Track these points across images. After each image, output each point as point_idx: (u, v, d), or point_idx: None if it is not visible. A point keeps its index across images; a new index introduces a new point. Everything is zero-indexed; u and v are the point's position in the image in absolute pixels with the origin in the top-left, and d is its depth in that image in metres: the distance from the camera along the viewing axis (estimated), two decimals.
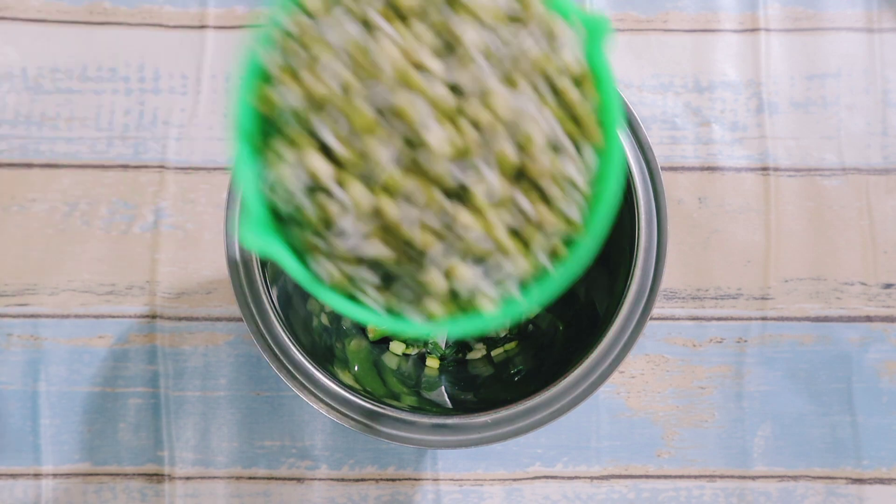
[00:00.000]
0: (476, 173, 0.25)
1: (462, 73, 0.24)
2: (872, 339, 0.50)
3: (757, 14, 0.53)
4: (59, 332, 0.50)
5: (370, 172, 0.25)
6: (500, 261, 0.25)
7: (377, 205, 0.25)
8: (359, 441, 0.49)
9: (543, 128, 0.25)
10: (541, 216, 0.25)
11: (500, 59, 0.25)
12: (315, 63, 0.25)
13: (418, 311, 0.26)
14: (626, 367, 0.50)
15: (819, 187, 0.52)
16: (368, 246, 0.25)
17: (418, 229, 0.24)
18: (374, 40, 0.24)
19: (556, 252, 0.26)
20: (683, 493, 0.49)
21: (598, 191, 0.27)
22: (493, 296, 0.26)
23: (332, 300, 0.26)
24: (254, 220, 0.26)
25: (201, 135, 0.52)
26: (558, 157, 0.26)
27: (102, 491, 0.49)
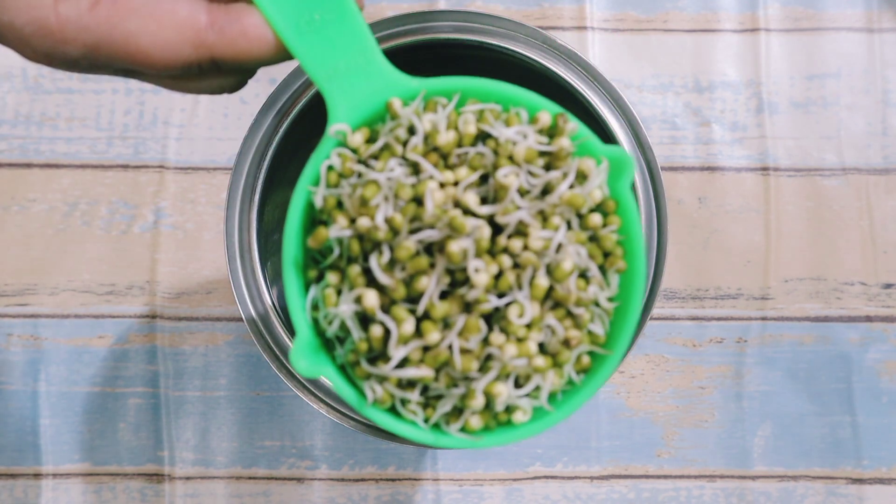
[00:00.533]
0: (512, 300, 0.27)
1: (499, 208, 0.27)
2: (872, 339, 0.50)
3: (757, 14, 0.53)
4: (59, 332, 0.50)
5: (412, 300, 0.27)
6: (532, 377, 0.28)
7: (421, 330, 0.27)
8: (359, 441, 0.49)
9: (573, 258, 0.27)
10: (569, 335, 0.28)
11: (531, 192, 0.27)
12: (364, 202, 0.27)
13: (457, 425, 0.28)
14: (626, 367, 0.50)
15: (819, 187, 0.52)
16: (412, 369, 0.27)
17: (458, 353, 0.27)
18: (420, 181, 0.27)
19: (582, 364, 0.29)
20: (683, 493, 0.49)
21: (622, 308, 0.29)
22: (526, 408, 0.28)
23: (378, 418, 0.28)
24: (304, 345, 0.28)
25: (201, 135, 0.52)
26: (584, 281, 0.28)
27: (102, 491, 0.49)
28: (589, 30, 0.52)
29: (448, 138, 0.27)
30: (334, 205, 0.28)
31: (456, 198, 0.27)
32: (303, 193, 0.29)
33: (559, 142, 0.28)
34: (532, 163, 0.28)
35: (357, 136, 0.28)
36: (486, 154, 0.28)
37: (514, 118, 0.29)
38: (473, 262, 0.26)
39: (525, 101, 0.29)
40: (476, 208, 0.27)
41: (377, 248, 0.27)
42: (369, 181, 0.27)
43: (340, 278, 0.28)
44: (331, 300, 0.28)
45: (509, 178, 0.27)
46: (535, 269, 0.27)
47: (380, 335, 0.27)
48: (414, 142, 0.28)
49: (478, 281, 0.26)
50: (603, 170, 0.28)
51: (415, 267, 0.26)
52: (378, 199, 0.27)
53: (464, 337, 0.27)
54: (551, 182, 0.27)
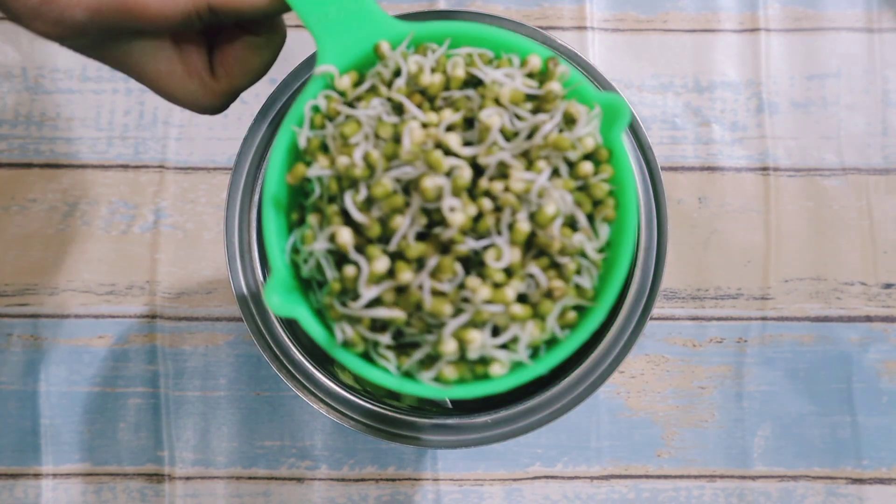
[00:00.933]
0: (490, 243, 0.26)
1: (481, 149, 0.26)
2: (872, 339, 0.50)
3: (757, 14, 0.53)
4: (59, 332, 0.50)
5: (387, 238, 0.26)
6: (510, 327, 0.26)
7: (393, 269, 0.26)
8: (359, 441, 0.49)
9: (557, 203, 0.26)
10: (552, 285, 0.26)
11: (518, 135, 0.27)
12: (344, 140, 0.27)
13: (431, 374, 0.27)
14: (626, 367, 0.50)
15: (819, 187, 0.52)
16: (382, 309, 0.26)
17: (430, 295, 0.26)
18: (402, 121, 0.27)
19: (567, 318, 0.27)
20: (683, 493, 0.49)
21: (611, 260, 0.28)
22: (503, 360, 0.27)
23: (348, 361, 0.27)
24: (278, 283, 0.27)
25: (201, 135, 0.52)
26: (571, 229, 0.27)
27: (102, 491, 0.49)
28: (589, 30, 0.52)
29: (433, 80, 0.27)
30: (318, 146, 0.28)
31: (437, 138, 0.26)
32: (287, 133, 0.28)
33: (548, 85, 0.27)
34: (519, 105, 0.27)
35: (345, 79, 0.28)
36: (473, 98, 0.27)
37: (504, 62, 0.28)
38: (449, 201, 0.26)
39: (517, 45, 0.28)
40: (457, 149, 0.26)
41: (354, 187, 0.27)
42: (350, 119, 0.27)
43: (320, 220, 0.28)
44: (309, 240, 0.27)
45: (492, 119, 0.26)
46: (516, 212, 0.26)
47: (353, 275, 0.27)
48: (398, 83, 0.27)
49: (453, 220, 0.25)
50: (594, 115, 0.27)
51: (390, 205, 0.26)
52: (358, 138, 0.27)
53: (437, 278, 0.26)
54: (537, 125, 0.27)
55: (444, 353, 0.26)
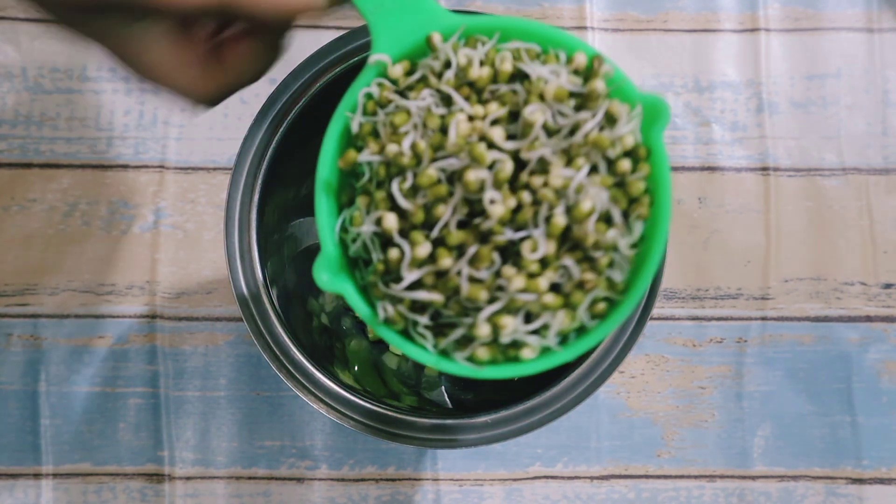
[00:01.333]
0: (527, 235, 0.27)
1: (524, 143, 0.27)
2: (872, 339, 0.50)
3: (757, 14, 0.53)
4: (59, 332, 0.50)
5: (431, 225, 0.28)
6: (542, 315, 0.28)
7: (434, 254, 0.28)
8: (359, 441, 0.49)
9: (593, 199, 0.27)
10: (584, 277, 0.28)
11: (559, 132, 0.28)
12: (394, 129, 0.28)
13: (465, 354, 0.28)
14: (626, 367, 0.50)
15: (819, 187, 0.52)
16: (422, 291, 0.28)
17: (468, 281, 0.27)
18: (450, 113, 0.28)
19: (597, 309, 0.29)
20: (683, 493, 0.49)
21: (643, 255, 0.29)
22: (534, 345, 0.28)
23: (389, 337, 0.29)
24: (327, 261, 0.29)
25: (201, 135, 0.52)
26: (605, 224, 0.28)
27: (102, 491, 0.49)
28: (589, 30, 0.52)
29: (481, 73, 0.28)
30: (369, 131, 0.29)
31: (482, 131, 0.27)
32: (341, 119, 0.29)
33: (592, 83, 0.28)
34: (562, 102, 0.28)
35: (397, 68, 0.29)
36: (519, 92, 0.28)
37: (551, 58, 0.29)
38: (490, 193, 0.27)
39: (564, 42, 0.29)
40: (500, 142, 0.27)
41: (402, 174, 0.28)
42: (400, 109, 0.28)
43: (368, 202, 0.29)
44: (358, 221, 0.29)
45: (535, 115, 0.27)
46: (553, 207, 0.27)
47: (397, 257, 0.28)
48: (448, 75, 0.28)
49: (493, 211, 0.27)
50: (635, 115, 0.28)
51: (434, 194, 0.27)
52: (407, 127, 0.28)
53: (475, 266, 0.27)
54: (579, 122, 0.28)
55: (479, 336, 0.28)
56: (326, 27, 0.52)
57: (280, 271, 0.43)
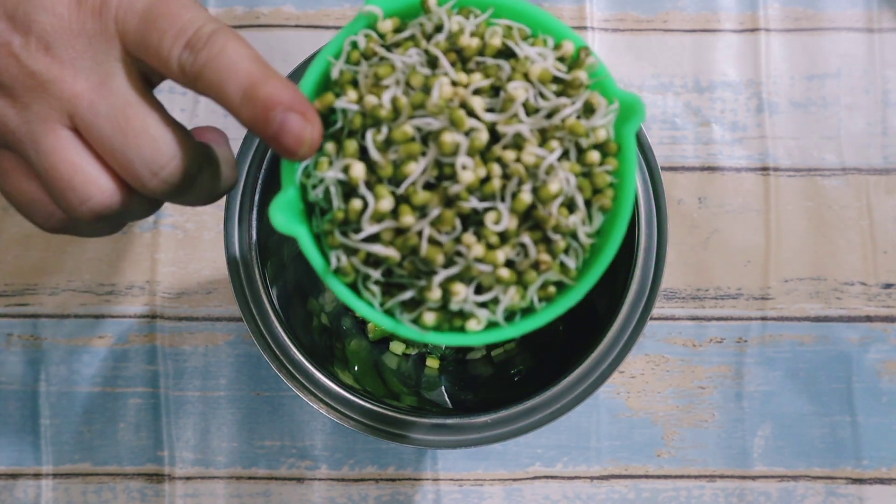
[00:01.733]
0: (492, 207, 0.28)
1: (502, 117, 0.28)
2: (872, 339, 0.50)
3: (757, 14, 0.53)
4: (59, 332, 0.50)
5: (398, 182, 0.28)
6: (493, 287, 0.28)
7: (397, 210, 0.28)
8: (359, 441, 0.49)
9: (561, 183, 0.28)
10: (540, 258, 0.28)
11: (538, 112, 0.28)
12: (376, 80, 0.28)
13: (411, 317, 0.29)
14: (626, 367, 0.50)
15: (819, 187, 0.52)
16: (379, 245, 0.28)
17: (427, 242, 0.27)
18: (434, 75, 0.28)
19: (547, 292, 0.29)
20: (683, 493, 0.49)
21: (599, 247, 0.29)
22: (481, 317, 0.29)
23: (337, 288, 0.29)
24: (285, 202, 0.29)
25: None
26: (568, 210, 0.29)
27: (102, 491, 0.49)
28: (589, 30, 0.52)
29: (471, 42, 0.29)
30: (349, 80, 0.29)
31: (463, 98, 0.28)
32: (322, 62, 0.30)
33: (576, 72, 0.29)
34: (545, 84, 0.29)
35: (387, 23, 0.29)
36: (504, 68, 0.29)
37: (539, 42, 0.30)
38: (462, 159, 0.27)
39: (555, 28, 0.30)
40: (480, 112, 0.28)
41: (377, 126, 0.28)
42: (385, 62, 0.28)
43: (337, 150, 0.29)
44: (323, 167, 0.29)
45: (518, 91, 0.28)
46: (522, 183, 0.28)
47: (358, 208, 0.28)
48: (438, 38, 0.29)
49: (462, 177, 0.27)
50: (612, 109, 0.29)
51: (407, 151, 0.28)
52: (390, 81, 0.28)
53: (436, 228, 0.28)
54: (558, 107, 0.28)
55: (429, 299, 0.28)
56: (326, 27, 0.52)
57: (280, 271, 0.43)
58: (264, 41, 0.52)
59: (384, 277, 0.29)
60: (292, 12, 0.52)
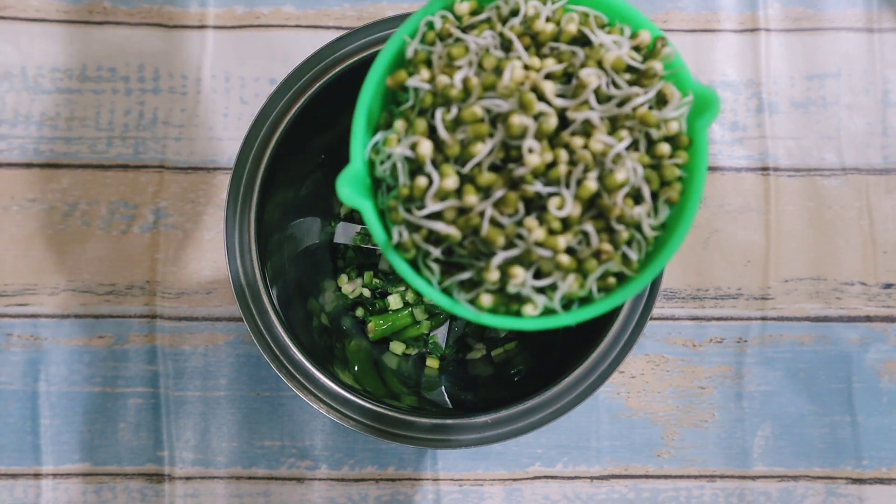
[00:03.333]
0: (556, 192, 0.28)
1: (573, 103, 0.28)
2: (872, 339, 0.50)
3: (757, 14, 0.53)
4: (59, 332, 0.50)
5: (464, 162, 0.28)
6: (553, 273, 0.28)
7: (461, 190, 0.28)
8: (359, 441, 0.49)
9: (628, 172, 0.27)
10: (602, 247, 0.28)
11: (610, 100, 0.28)
12: (450, 60, 0.28)
13: (468, 297, 0.29)
14: (626, 367, 0.50)
15: (819, 187, 0.52)
16: (441, 223, 0.28)
17: (489, 222, 0.27)
18: (507, 58, 0.28)
19: (606, 282, 0.29)
20: (683, 493, 0.49)
21: (663, 240, 0.29)
22: (538, 303, 0.28)
23: (398, 263, 0.29)
24: (353, 175, 0.29)
25: (201, 135, 0.52)
26: (633, 200, 0.28)
27: (102, 491, 0.49)
28: None
29: (546, 27, 0.28)
30: (423, 59, 0.29)
31: (535, 82, 0.28)
32: (397, 41, 0.30)
33: (651, 62, 0.28)
34: (619, 73, 0.28)
35: (464, 5, 0.29)
36: (578, 54, 0.28)
37: (616, 30, 0.29)
38: (530, 142, 0.27)
39: (632, 17, 0.30)
40: (551, 97, 0.28)
41: (447, 106, 0.28)
42: (460, 42, 0.28)
43: (406, 128, 0.29)
44: (391, 143, 0.29)
45: (591, 78, 0.28)
46: (588, 170, 0.27)
47: (423, 185, 0.28)
48: (514, 21, 0.29)
49: (529, 160, 0.27)
50: (685, 101, 0.28)
51: (475, 131, 0.27)
52: (462, 61, 0.28)
53: (499, 210, 0.27)
54: (630, 96, 0.28)
55: (487, 280, 0.28)
56: (326, 27, 0.52)
57: (280, 271, 0.43)
58: (264, 41, 0.52)
59: (444, 256, 0.29)
60: (292, 12, 0.52)
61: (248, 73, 0.52)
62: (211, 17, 0.52)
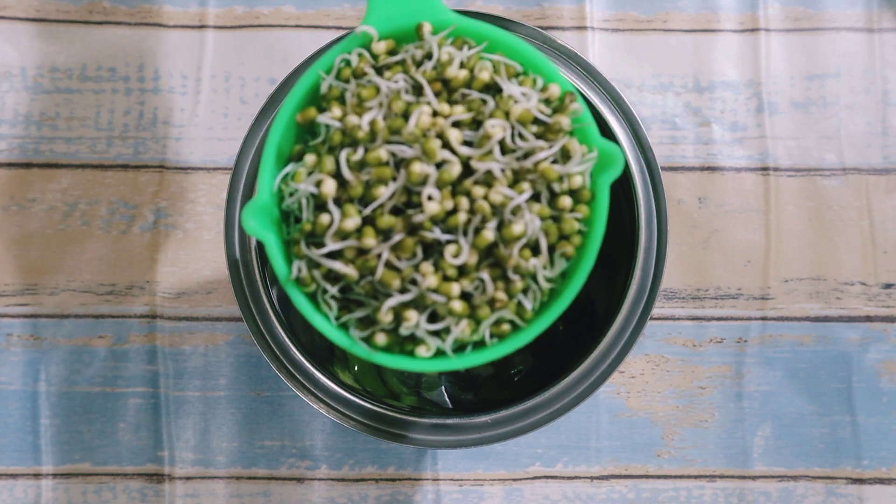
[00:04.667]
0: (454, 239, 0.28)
1: (478, 152, 0.28)
2: (872, 339, 0.50)
3: (757, 14, 0.53)
4: (59, 332, 0.50)
5: (367, 203, 0.28)
6: (446, 318, 0.28)
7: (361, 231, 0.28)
8: (359, 441, 0.49)
9: (525, 225, 0.28)
10: (496, 295, 0.28)
11: (514, 151, 0.28)
12: (360, 101, 0.29)
13: (363, 335, 0.29)
14: (626, 367, 0.50)
15: (819, 187, 0.52)
16: (339, 263, 0.28)
17: (384, 266, 0.28)
18: (416, 102, 0.28)
19: (501, 329, 0.29)
20: (683, 493, 0.49)
21: (557, 292, 0.29)
22: (430, 345, 0.29)
23: (296, 298, 0.29)
24: (258, 207, 0.29)
25: (201, 135, 0.52)
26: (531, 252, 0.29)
27: (102, 491, 0.49)
28: (589, 30, 0.52)
29: (458, 74, 0.29)
30: (336, 96, 0.29)
31: (441, 129, 0.28)
32: (312, 76, 0.30)
33: (558, 117, 0.29)
34: (525, 125, 0.28)
35: (381, 44, 0.30)
36: (489, 103, 0.29)
37: (528, 81, 0.29)
38: (430, 189, 0.28)
39: (545, 70, 0.30)
40: (456, 145, 0.28)
41: (354, 146, 0.28)
42: (372, 84, 0.29)
43: (315, 163, 0.29)
44: (300, 178, 0.29)
45: (495, 129, 0.28)
46: (486, 220, 0.28)
47: (325, 223, 0.28)
48: (427, 66, 0.29)
49: (428, 207, 0.27)
50: (589, 157, 0.29)
51: (378, 174, 0.28)
52: (372, 103, 0.28)
53: (396, 253, 0.28)
54: (534, 149, 0.28)
55: (381, 321, 0.28)
56: (326, 27, 0.52)
57: None
58: (264, 41, 0.52)
59: (342, 293, 0.29)
60: (292, 12, 0.52)
61: (248, 73, 0.52)
62: (211, 17, 0.53)
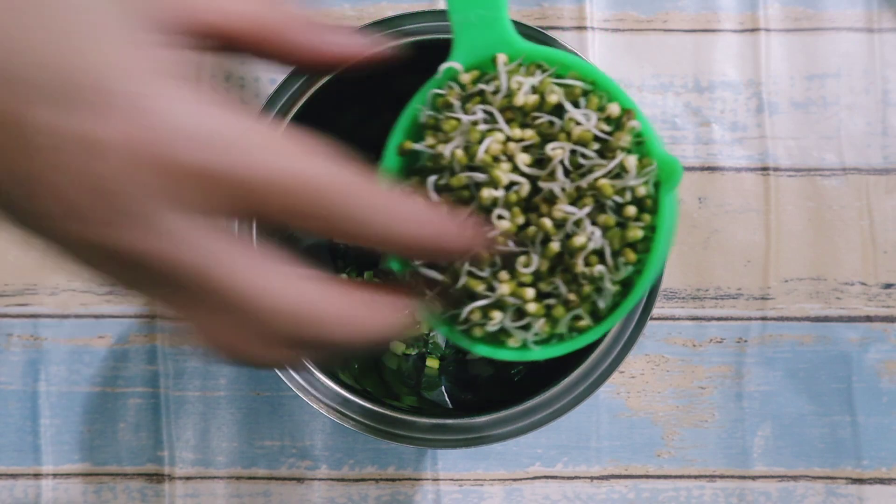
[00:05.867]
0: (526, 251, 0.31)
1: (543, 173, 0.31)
2: (872, 339, 0.50)
3: (757, 14, 0.53)
4: (59, 332, 0.50)
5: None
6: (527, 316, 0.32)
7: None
8: (359, 441, 0.49)
9: (587, 236, 0.31)
10: (568, 297, 0.31)
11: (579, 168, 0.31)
12: (444, 133, 0.32)
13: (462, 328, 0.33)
14: (626, 367, 0.50)
15: (819, 187, 0.52)
16: (433, 271, 0.32)
17: (465, 274, 0.31)
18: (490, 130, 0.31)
19: (578, 324, 0.32)
20: (683, 493, 0.49)
21: (624, 294, 0.32)
22: (517, 338, 0.32)
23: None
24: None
25: None
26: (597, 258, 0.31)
27: (102, 491, 0.49)
28: (589, 30, 0.52)
29: (525, 100, 0.31)
30: (432, 125, 0.33)
31: (512, 153, 0.31)
32: (413, 110, 0.33)
33: (617, 134, 0.31)
34: (586, 144, 0.31)
35: (466, 76, 0.33)
36: (556, 124, 0.31)
37: (594, 98, 0.32)
38: (499, 211, 0.31)
39: (607, 88, 0.32)
40: (522, 167, 0.31)
41: (441, 171, 0.32)
42: (453, 117, 0.32)
43: (417, 182, 0.33)
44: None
45: (556, 152, 0.31)
46: (551, 234, 0.31)
47: None
48: (498, 96, 0.32)
49: (498, 225, 0.31)
50: (648, 171, 0.31)
51: (458, 196, 0.31)
52: (455, 133, 0.32)
53: (475, 265, 0.31)
54: (594, 168, 0.31)
55: (472, 319, 0.32)
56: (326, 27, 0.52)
57: None
58: None
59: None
60: None
61: (248, 73, 0.52)
62: None
